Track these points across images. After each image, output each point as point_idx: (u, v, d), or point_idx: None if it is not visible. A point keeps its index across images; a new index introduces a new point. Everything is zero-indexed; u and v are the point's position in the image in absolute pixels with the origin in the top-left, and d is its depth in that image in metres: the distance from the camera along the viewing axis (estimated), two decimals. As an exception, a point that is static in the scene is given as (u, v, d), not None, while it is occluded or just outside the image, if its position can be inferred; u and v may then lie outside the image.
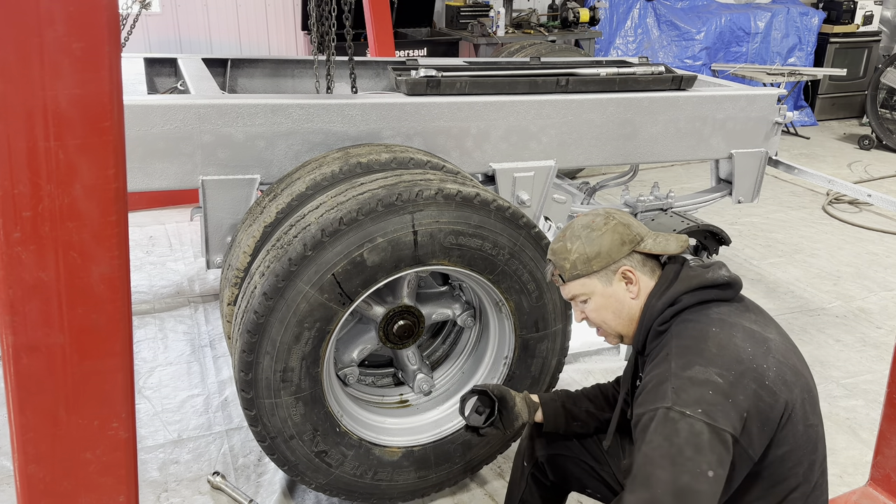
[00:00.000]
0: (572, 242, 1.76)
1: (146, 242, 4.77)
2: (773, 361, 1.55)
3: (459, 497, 2.66)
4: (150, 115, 2.54)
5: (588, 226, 1.76)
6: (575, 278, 1.75)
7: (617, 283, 1.74)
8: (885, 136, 7.41)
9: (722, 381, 1.48)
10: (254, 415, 2.17)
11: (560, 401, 2.06)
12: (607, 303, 1.75)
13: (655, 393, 1.53)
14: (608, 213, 1.79)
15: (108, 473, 1.55)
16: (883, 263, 4.74)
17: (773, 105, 3.62)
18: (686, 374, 1.51)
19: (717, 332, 1.57)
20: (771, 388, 1.52)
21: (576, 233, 1.77)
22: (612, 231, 1.74)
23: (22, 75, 1.23)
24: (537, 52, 5.20)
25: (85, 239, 1.36)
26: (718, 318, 1.62)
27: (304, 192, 2.38)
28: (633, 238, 1.74)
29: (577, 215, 1.91)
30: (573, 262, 1.74)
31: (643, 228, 1.78)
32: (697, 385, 1.48)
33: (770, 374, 1.53)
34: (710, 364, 1.51)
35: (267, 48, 6.70)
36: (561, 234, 1.81)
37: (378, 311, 2.41)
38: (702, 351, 1.54)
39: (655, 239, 1.76)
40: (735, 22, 8.01)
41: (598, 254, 1.72)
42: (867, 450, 2.59)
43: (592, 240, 1.73)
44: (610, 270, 1.73)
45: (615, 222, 1.75)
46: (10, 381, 1.41)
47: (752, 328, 1.61)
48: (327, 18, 3.24)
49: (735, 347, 1.54)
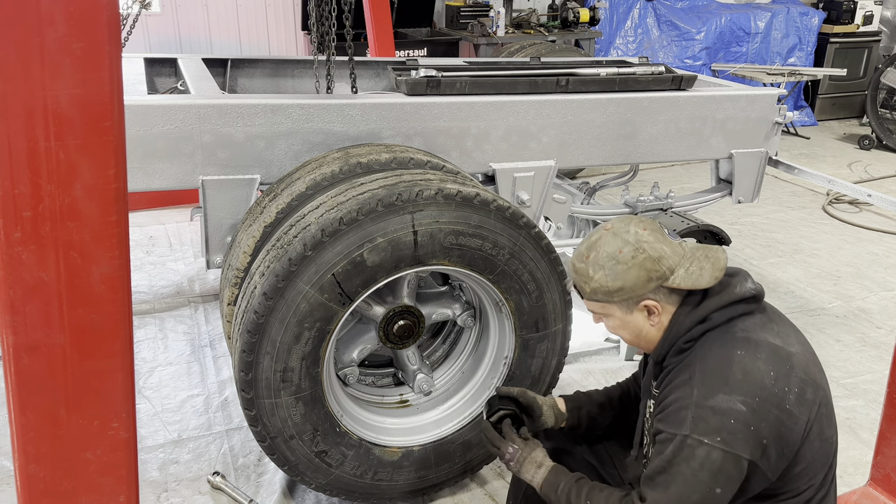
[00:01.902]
0: (595, 270, 1.67)
1: (146, 242, 4.77)
2: (796, 381, 1.55)
3: (459, 497, 2.66)
4: (150, 115, 2.54)
5: (614, 256, 1.64)
6: (594, 301, 1.71)
7: (638, 312, 1.68)
8: (885, 136, 7.41)
9: (745, 410, 1.50)
10: (254, 415, 2.17)
11: (586, 409, 2.02)
12: (625, 326, 1.72)
13: (676, 417, 1.56)
14: (639, 242, 1.65)
15: (109, 473, 1.56)
16: (883, 263, 4.74)
17: (773, 105, 3.62)
18: (708, 403, 1.52)
19: (743, 356, 1.56)
20: (792, 411, 1.53)
21: (600, 261, 1.66)
22: (638, 266, 1.63)
23: (22, 75, 1.23)
24: (537, 52, 5.19)
25: (85, 239, 1.36)
26: (744, 336, 1.59)
27: (304, 192, 2.38)
28: (661, 275, 1.64)
29: (605, 225, 1.73)
30: (593, 289, 1.68)
31: (675, 258, 1.65)
32: (720, 414, 1.50)
33: (791, 397, 1.53)
34: (735, 392, 1.51)
35: (267, 48, 6.70)
36: (585, 250, 1.71)
37: (378, 311, 2.41)
38: (727, 378, 1.53)
39: (688, 270, 1.64)
40: (735, 22, 8.01)
41: (621, 289, 1.64)
42: (867, 450, 2.60)
43: (617, 274, 1.64)
44: (632, 302, 1.67)
45: (644, 257, 1.63)
46: (11, 381, 1.41)
47: (776, 343, 1.59)
48: (327, 18, 3.24)
49: (759, 372, 1.53)
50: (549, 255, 2.39)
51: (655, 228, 1.70)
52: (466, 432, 2.52)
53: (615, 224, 1.71)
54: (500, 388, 2.03)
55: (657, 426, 1.61)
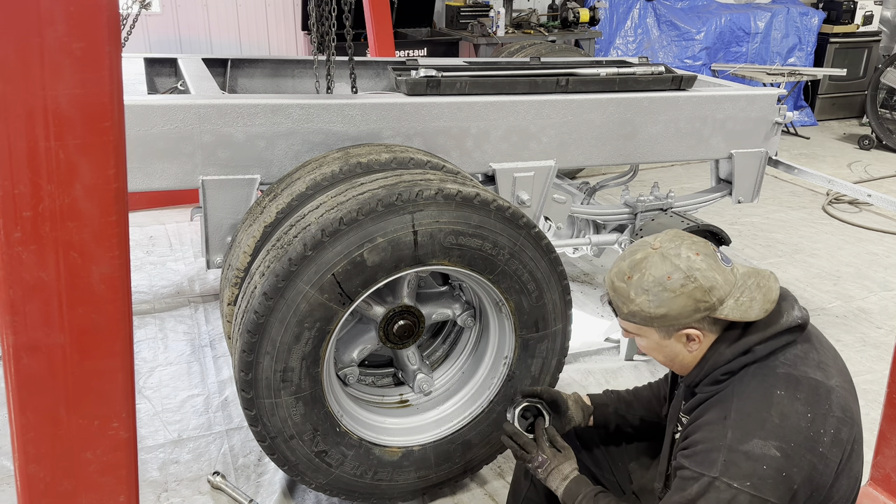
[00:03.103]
0: (637, 294, 1.55)
1: (146, 242, 4.77)
2: (833, 421, 1.50)
3: (459, 497, 2.66)
4: (150, 115, 2.54)
5: (661, 282, 1.52)
6: (631, 322, 1.61)
7: (676, 339, 1.59)
8: (885, 136, 7.41)
9: (780, 455, 1.45)
10: (254, 415, 2.17)
11: (613, 405, 1.99)
12: (660, 349, 1.63)
13: (705, 457, 1.49)
14: (690, 269, 1.52)
15: (109, 473, 1.56)
16: (883, 263, 4.74)
17: (773, 105, 3.62)
18: (743, 448, 1.46)
19: (782, 397, 1.49)
20: (825, 454, 1.48)
21: (645, 285, 1.54)
22: (687, 296, 1.52)
23: (22, 75, 1.23)
24: (537, 52, 5.19)
25: (85, 239, 1.36)
26: (785, 372, 1.52)
27: (304, 192, 2.38)
28: (710, 306, 1.53)
29: (653, 242, 1.59)
30: (632, 311, 1.58)
31: (727, 286, 1.53)
32: (753, 460, 1.45)
33: (826, 440, 1.48)
34: (770, 437, 1.46)
35: (267, 48, 6.70)
36: (628, 269, 1.58)
37: (378, 311, 2.41)
38: (763, 422, 1.47)
39: (737, 300, 1.53)
40: (735, 22, 8.01)
41: (665, 316, 1.54)
42: (867, 450, 2.58)
43: (662, 301, 1.52)
44: (672, 329, 1.57)
45: (694, 286, 1.51)
46: (11, 381, 1.41)
47: (816, 379, 1.52)
48: (327, 18, 3.24)
49: (797, 416, 1.47)
50: (549, 255, 2.39)
51: (709, 253, 1.56)
52: (466, 432, 2.53)
53: (664, 244, 1.58)
54: (525, 388, 1.98)
55: (682, 461, 1.54)
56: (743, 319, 1.54)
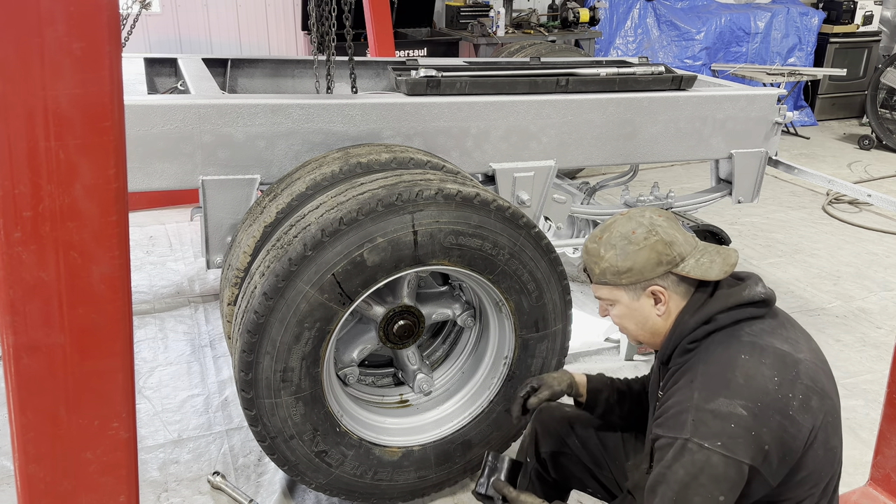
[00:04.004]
0: (606, 249, 1.67)
1: (146, 242, 4.77)
2: (801, 388, 1.52)
3: (459, 497, 2.66)
4: (150, 115, 2.54)
5: (626, 236, 1.66)
6: (602, 284, 1.71)
7: (645, 299, 1.67)
8: (885, 136, 7.41)
9: (747, 414, 1.47)
10: (254, 415, 2.17)
11: (605, 394, 2.02)
12: (631, 314, 1.71)
13: (676, 421, 1.53)
14: (653, 224, 1.66)
15: (109, 473, 1.55)
16: (883, 263, 4.74)
17: (773, 105, 3.62)
18: (709, 406, 1.50)
19: (746, 360, 1.53)
20: (795, 418, 1.50)
21: (613, 240, 1.67)
22: (650, 248, 1.63)
23: (22, 75, 1.23)
24: (537, 52, 5.19)
25: (85, 239, 1.36)
26: (749, 340, 1.57)
27: (304, 192, 2.38)
28: (671, 259, 1.64)
29: (622, 211, 1.78)
30: (602, 270, 1.68)
31: (687, 246, 1.66)
32: (720, 418, 1.48)
33: (795, 404, 1.51)
34: (736, 396, 1.49)
35: (267, 48, 6.70)
36: (600, 231, 1.73)
37: (378, 311, 2.41)
38: (728, 382, 1.51)
39: (698, 260, 1.65)
40: (735, 22, 8.01)
41: (630, 269, 1.64)
42: (867, 450, 2.59)
43: (627, 254, 1.64)
44: (639, 287, 1.66)
45: (656, 239, 1.64)
46: (11, 381, 1.41)
47: (783, 349, 1.57)
48: (327, 18, 3.24)
49: (762, 378, 1.51)
50: (549, 255, 2.39)
51: (671, 217, 1.70)
52: (466, 432, 2.53)
53: (631, 210, 1.74)
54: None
55: (656, 431, 1.58)
56: (704, 277, 1.63)
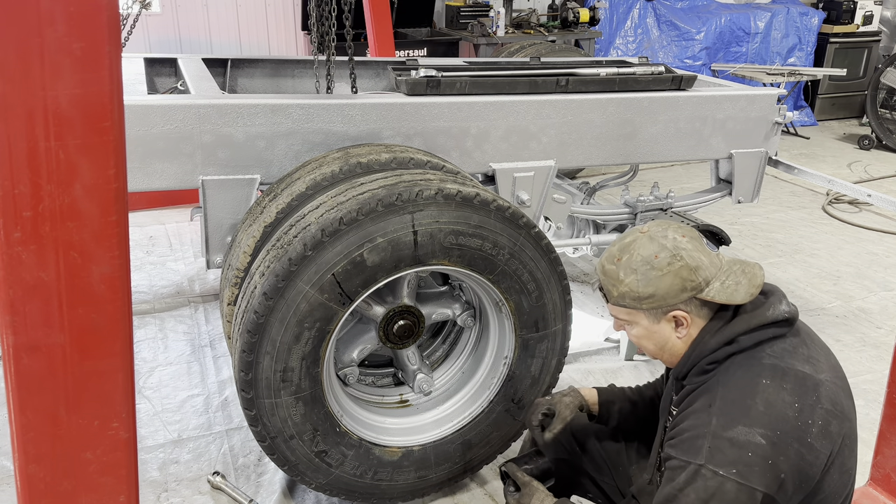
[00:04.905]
0: (626, 274, 1.59)
1: (146, 242, 4.77)
2: (821, 413, 1.49)
3: (459, 497, 2.66)
4: (150, 115, 2.54)
5: (649, 261, 1.56)
6: (620, 306, 1.63)
7: (665, 323, 1.61)
8: (885, 136, 7.41)
9: (765, 443, 1.44)
10: (254, 415, 2.17)
11: (618, 405, 1.99)
12: (650, 336, 1.65)
13: (691, 445, 1.50)
14: (677, 248, 1.57)
15: (109, 473, 1.56)
16: (883, 263, 4.74)
17: (773, 105, 3.62)
18: (727, 434, 1.46)
19: (767, 385, 1.49)
20: (814, 445, 1.47)
21: (633, 264, 1.58)
22: (674, 275, 1.55)
23: (22, 75, 1.23)
24: (537, 52, 5.19)
25: (85, 239, 1.36)
26: (771, 363, 1.52)
27: (304, 192, 2.38)
28: (696, 286, 1.56)
29: (641, 228, 1.65)
30: (622, 294, 1.60)
31: (713, 269, 1.58)
32: (737, 447, 1.45)
33: (814, 430, 1.47)
34: (755, 424, 1.46)
35: (267, 48, 6.70)
36: (618, 252, 1.63)
37: (378, 311, 2.41)
38: (748, 409, 1.47)
39: (724, 283, 1.57)
40: (735, 22, 8.01)
41: (652, 296, 1.57)
42: (867, 450, 2.59)
43: (649, 280, 1.56)
44: (660, 311, 1.59)
45: (681, 265, 1.55)
46: (11, 381, 1.41)
47: (804, 371, 1.52)
48: (327, 18, 3.24)
49: (783, 404, 1.47)
50: (549, 255, 2.39)
51: (694, 237, 1.62)
52: (466, 432, 2.53)
53: (652, 227, 1.63)
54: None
55: (668, 451, 1.55)
56: (729, 302, 1.56)
